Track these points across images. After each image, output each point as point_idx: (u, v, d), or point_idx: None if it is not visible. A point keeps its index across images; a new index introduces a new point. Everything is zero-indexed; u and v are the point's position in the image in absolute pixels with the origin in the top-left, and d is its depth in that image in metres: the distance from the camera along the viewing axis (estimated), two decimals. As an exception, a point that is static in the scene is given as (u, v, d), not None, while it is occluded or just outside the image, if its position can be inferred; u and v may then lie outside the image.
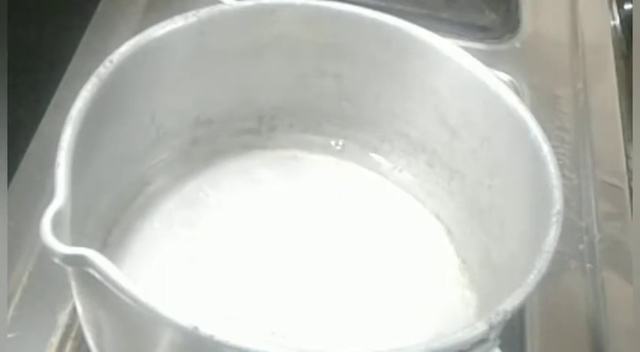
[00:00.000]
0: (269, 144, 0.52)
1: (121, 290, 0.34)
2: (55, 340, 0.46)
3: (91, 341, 0.41)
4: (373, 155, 0.52)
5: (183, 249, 0.47)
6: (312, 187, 0.51)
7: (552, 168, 0.42)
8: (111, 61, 0.42)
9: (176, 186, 0.49)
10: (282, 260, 0.47)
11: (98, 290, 0.35)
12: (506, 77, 0.64)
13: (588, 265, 0.55)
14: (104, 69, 0.42)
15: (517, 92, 0.60)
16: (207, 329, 0.33)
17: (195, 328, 0.33)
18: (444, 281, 0.48)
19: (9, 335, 0.45)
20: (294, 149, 0.52)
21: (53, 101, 0.55)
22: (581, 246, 0.56)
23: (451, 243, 0.50)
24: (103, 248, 0.44)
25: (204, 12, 0.46)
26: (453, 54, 0.47)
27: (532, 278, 0.38)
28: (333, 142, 0.52)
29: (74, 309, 0.46)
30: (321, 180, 0.51)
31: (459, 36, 0.64)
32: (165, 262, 0.46)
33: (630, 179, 0.60)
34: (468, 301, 0.47)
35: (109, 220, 0.46)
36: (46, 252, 0.34)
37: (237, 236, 0.48)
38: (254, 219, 0.49)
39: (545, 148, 0.43)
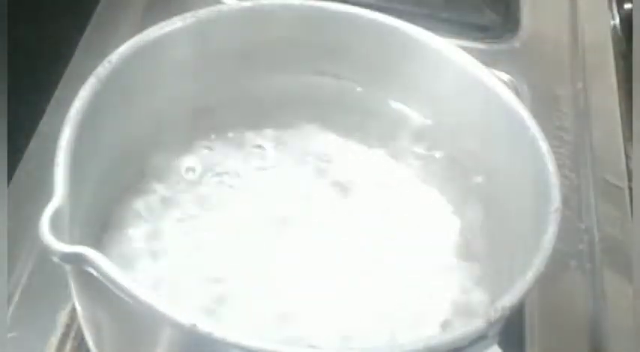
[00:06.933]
0: (270, 123, 0.51)
1: (120, 288, 0.34)
2: (54, 339, 0.46)
3: (90, 341, 0.41)
4: (375, 142, 0.52)
5: (184, 243, 0.46)
6: (318, 166, 0.50)
7: (551, 166, 0.42)
8: (110, 62, 0.42)
9: (176, 178, 0.48)
10: (290, 242, 0.46)
11: (97, 288, 0.35)
12: (506, 77, 0.64)
13: (588, 265, 0.55)
14: (103, 69, 0.42)
15: (517, 92, 0.60)
16: (205, 326, 0.33)
17: (194, 325, 0.33)
18: (446, 273, 0.48)
19: (9, 335, 0.45)
20: (295, 129, 0.51)
21: (53, 101, 0.56)
22: (581, 246, 0.56)
23: (457, 228, 0.49)
24: (102, 246, 0.44)
25: (203, 12, 0.46)
26: (452, 54, 0.47)
27: (530, 276, 0.38)
28: (334, 132, 0.52)
29: (74, 309, 0.46)
30: (328, 158, 0.50)
31: (458, 36, 0.64)
32: (165, 258, 0.45)
33: (630, 179, 0.60)
34: (469, 297, 0.47)
35: (108, 218, 0.46)
36: (45, 252, 0.35)
37: (242, 221, 0.47)
38: (259, 199, 0.48)
39: (544, 147, 0.43)
